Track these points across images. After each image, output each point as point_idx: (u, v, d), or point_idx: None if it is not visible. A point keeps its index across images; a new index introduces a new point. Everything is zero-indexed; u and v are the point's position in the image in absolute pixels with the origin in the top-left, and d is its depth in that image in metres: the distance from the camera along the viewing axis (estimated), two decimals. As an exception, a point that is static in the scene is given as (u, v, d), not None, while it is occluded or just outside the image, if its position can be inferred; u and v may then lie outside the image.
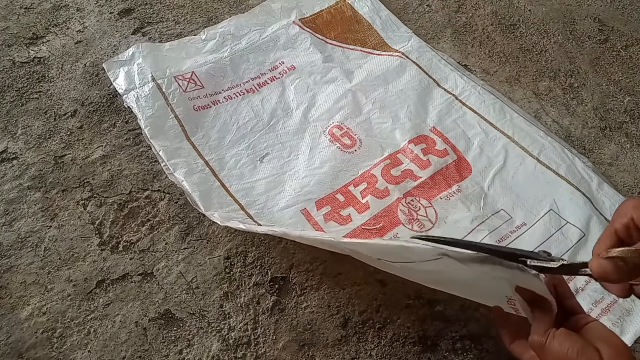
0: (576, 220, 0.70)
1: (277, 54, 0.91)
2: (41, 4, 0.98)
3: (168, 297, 0.64)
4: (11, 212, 0.71)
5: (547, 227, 0.69)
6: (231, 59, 0.88)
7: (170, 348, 0.61)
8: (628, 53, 0.97)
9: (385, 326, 0.63)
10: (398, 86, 0.86)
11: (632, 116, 0.88)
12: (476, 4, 1.05)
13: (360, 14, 0.99)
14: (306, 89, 0.85)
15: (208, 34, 0.92)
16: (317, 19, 0.97)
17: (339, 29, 0.96)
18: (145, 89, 0.81)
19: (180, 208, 0.72)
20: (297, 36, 0.93)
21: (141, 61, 0.85)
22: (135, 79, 0.82)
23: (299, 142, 0.79)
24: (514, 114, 0.82)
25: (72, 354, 0.60)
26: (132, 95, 0.81)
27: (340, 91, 0.85)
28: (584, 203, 0.72)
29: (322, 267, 0.68)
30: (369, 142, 0.78)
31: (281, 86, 0.86)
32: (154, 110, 0.78)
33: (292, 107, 0.83)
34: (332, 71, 0.88)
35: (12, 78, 0.86)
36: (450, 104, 0.84)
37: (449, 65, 0.90)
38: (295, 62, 0.90)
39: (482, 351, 0.62)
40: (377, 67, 0.90)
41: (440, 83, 0.87)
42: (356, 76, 0.88)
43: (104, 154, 0.77)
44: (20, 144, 0.78)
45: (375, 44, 0.94)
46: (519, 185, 0.74)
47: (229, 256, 0.68)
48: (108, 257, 0.67)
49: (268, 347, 0.61)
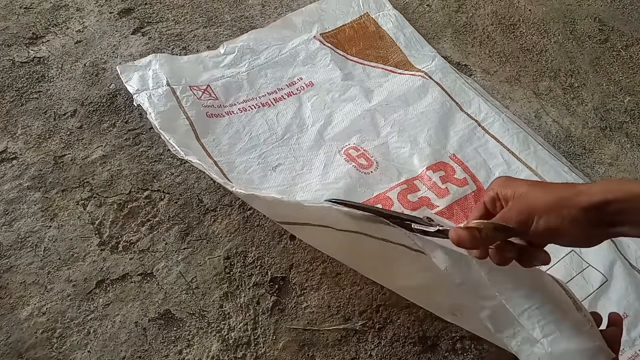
0: (599, 263, 0.66)
1: (296, 69, 0.88)
2: (41, 4, 0.98)
3: (168, 297, 0.64)
4: (11, 212, 0.70)
5: (567, 270, 0.65)
6: (248, 74, 0.86)
7: (170, 348, 0.61)
8: (628, 53, 0.97)
9: (385, 326, 0.63)
10: (419, 108, 0.83)
11: (632, 116, 0.88)
12: (476, 4, 1.05)
13: (384, 30, 0.96)
14: (323, 107, 0.83)
15: (227, 48, 0.89)
16: (339, 33, 0.95)
17: (361, 44, 0.94)
18: (159, 90, 0.79)
19: (180, 208, 0.72)
20: (317, 52, 0.90)
21: (157, 68, 0.82)
22: (150, 82, 0.80)
23: (313, 158, 0.76)
24: (538, 146, 0.79)
25: (71, 354, 0.60)
26: (144, 95, 0.78)
27: (359, 111, 0.82)
28: (607, 246, 0.67)
29: (322, 267, 0.68)
30: (386, 165, 0.75)
31: (298, 102, 0.83)
32: (165, 108, 0.76)
33: (307, 123, 0.81)
34: (351, 89, 0.85)
35: (11, 78, 0.86)
36: (472, 131, 0.81)
37: (473, 88, 0.87)
38: (313, 78, 0.87)
39: (482, 351, 0.62)
40: (398, 87, 0.86)
41: (463, 107, 0.84)
42: (376, 96, 0.85)
43: (104, 154, 0.77)
44: (20, 144, 0.78)
45: (398, 62, 0.91)
46: None
47: (228, 256, 0.68)
48: (108, 257, 0.67)
49: (268, 347, 0.61)
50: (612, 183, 0.38)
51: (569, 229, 0.38)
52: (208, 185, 0.75)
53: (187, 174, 0.76)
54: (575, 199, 0.38)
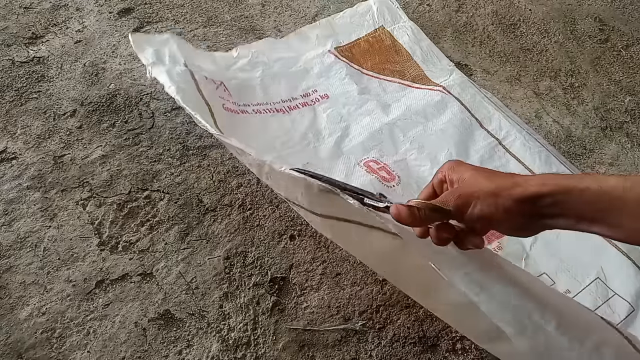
0: (625, 292, 0.63)
1: (310, 82, 0.86)
2: (40, 4, 0.98)
3: (167, 297, 0.64)
4: (10, 212, 0.70)
5: (593, 297, 0.63)
6: (262, 80, 0.84)
7: (169, 348, 0.61)
8: (629, 53, 0.97)
9: (385, 326, 0.63)
10: (438, 124, 0.80)
11: (632, 116, 0.88)
12: (477, 4, 1.05)
13: (400, 43, 0.94)
14: (339, 119, 0.80)
15: (240, 51, 0.87)
16: (354, 47, 0.93)
17: (376, 58, 0.92)
18: (177, 68, 0.70)
19: (180, 208, 0.72)
20: (331, 66, 0.88)
21: (175, 48, 0.74)
22: (166, 58, 0.72)
23: (333, 167, 0.74)
24: (560, 166, 0.77)
25: (71, 354, 0.60)
26: (161, 69, 0.68)
27: (377, 125, 0.80)
28: (634, 274, 0.65)
29: (322, 267, 0.68)
30: (408, 181, 0.73)
31: (313, 112, 0.81)
32: (186, 86, 0.68)
33: (324, 134, 0.78)
34: (367, 103, 0.83)
35: (11, 78, 0.86)
36: (493, 149, 0.78)
37: (492, 103, 0.84)
38: (329, 91, 0.85)
39: (482, 351, 0.61)
40: (416, 102, 0.84)
41: (484, 124, 0.81)
42: (393, 110, 0.83)
43: (104, 153, 0.77)
44: (20, 144, 0.78)
45: (415, 77, 0.89)
46: (563, 248, 0.67)
47: (228, 256, 0.68)
48: (107, 258, 0.67)
49: (268, 348, 0.61)
50: (549, 177, 0.39)
51: (503, 218, 0.40)
52: (208, 185, 0.75)
53: (187, 174, 0.76)
54: (512, 189, 0.39)
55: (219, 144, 0.80)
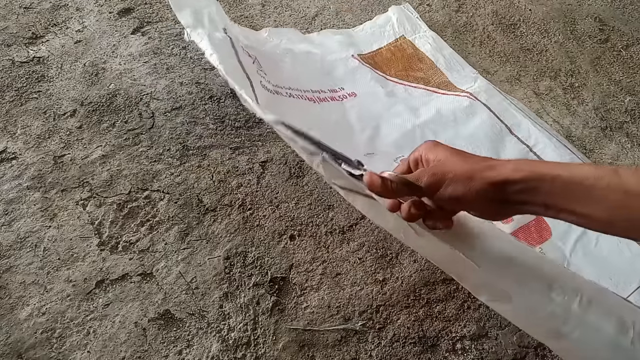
0: None
1: (337, 80, 0.84)
2: (40, 4, 0.98)
3: (167, 297, 0.64)
4: (10, 212, 0.70)
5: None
6: (293, 67, 0.82)
7: (169, 348, 0.61)
8: (629, 53, 0.97)
9: (385, 326, 0.63)
10: (468, 129, 0.80)
11: (632, 116, 0.88)
12: (477, 4, 1.05)
13: (422, 52, 0.93)
14: (369, 117, 0.79)
15: (270, 33, 0.86)
16: (376, 56, 0.92)
17: (399, 65, 0.91)
18: (218, 35, 0.65)
19: (180, 208, 0.72)
20: (356, 69, 0.87)
21: (215, 10, 0.68)
22: (205, 22, 0.66)
23: (370, 160, 0.71)
24: None
25: (71, 354, 0.60)
26: (202, 33, 0.63)
27: (408, 125, 0.79)
28: None
29: (322, 267, 0.68)
30: None
31: (342, 108, 0.80)
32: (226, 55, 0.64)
33: (355, 129, 0.77)
34: (396, 106, 0.82)
35: (11, 78, 0.86)
36: (524, 156, 0.78)
37: (519, 109, 0.84)
38: (356, 89, 0.83)
39: (482, 351, 0.61)
40: (445, 106, 0.83)
41: (513, 130, 0.81)
42: (423, 113, 0.82)
43: (104, 153, 0.77)
44: (20, 144, 0.78)
45: (440, 83, 0.88)
46: (603, 256, 0.67)
47: (228, 256, 0.68)
48: (107, 258, 0.67)
49: (268, 348, 0.61)
50: (524, 162, 0.39)
51: (474, 200, 0.40)
52: (208, 185, 0.75)
53: (186, 174, 0.76)
54: (485, 172, 0.39)
55: (219, 144, 0.80)
